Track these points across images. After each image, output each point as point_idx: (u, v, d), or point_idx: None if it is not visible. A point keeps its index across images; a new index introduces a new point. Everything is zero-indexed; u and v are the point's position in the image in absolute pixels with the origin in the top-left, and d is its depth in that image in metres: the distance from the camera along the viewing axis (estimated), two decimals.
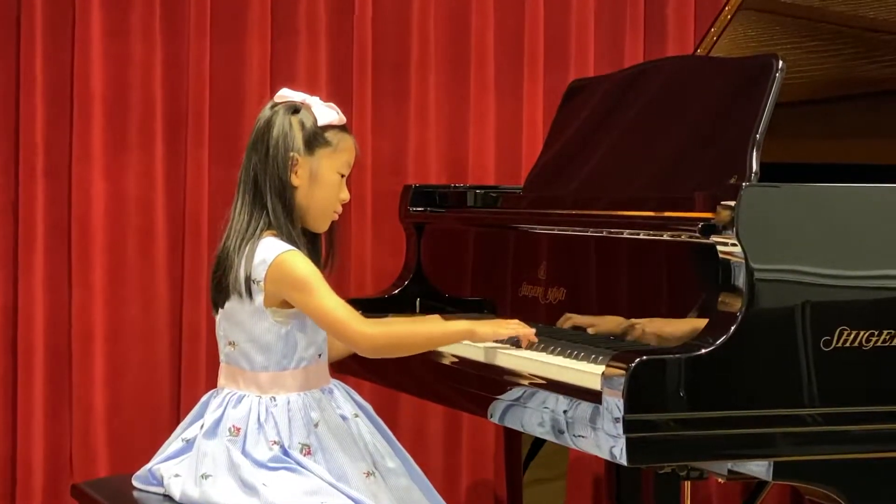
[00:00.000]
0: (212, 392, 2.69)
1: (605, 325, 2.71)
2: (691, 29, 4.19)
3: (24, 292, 3.71)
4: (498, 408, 2.61)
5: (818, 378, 2.37)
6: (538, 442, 3.45)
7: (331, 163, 2.65)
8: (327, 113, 2.65)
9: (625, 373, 2.25)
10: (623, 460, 2.26)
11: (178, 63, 3.81)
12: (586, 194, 3.00)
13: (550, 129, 3.43)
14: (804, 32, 3.26)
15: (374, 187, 3.93)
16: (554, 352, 2.67)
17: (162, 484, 2.65)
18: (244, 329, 2.61)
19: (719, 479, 2.68)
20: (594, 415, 2.31)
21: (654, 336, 2.58)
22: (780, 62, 2.63)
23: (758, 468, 2.39)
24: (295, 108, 2.65)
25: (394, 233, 3.71)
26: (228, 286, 2.59)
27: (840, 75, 3.29)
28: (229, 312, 2.62)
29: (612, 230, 2.73)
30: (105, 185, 3.76)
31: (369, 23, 3.92)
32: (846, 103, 3.31)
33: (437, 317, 2.90)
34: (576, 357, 2.60)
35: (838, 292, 2.40)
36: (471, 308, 3.22)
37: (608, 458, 2.30)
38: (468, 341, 2.74)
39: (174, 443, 2.69)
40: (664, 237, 2.58)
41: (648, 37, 4.20)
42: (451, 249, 3.37)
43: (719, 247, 2.40)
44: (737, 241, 2.36)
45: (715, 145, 2.72)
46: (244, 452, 2.56)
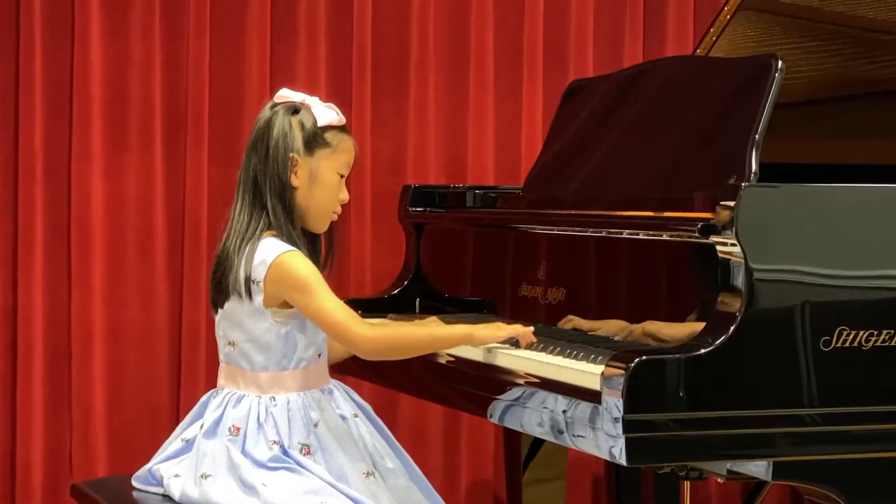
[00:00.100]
0: (211, 392, 2.69)
1: (605, 328, 2.71)
2: (691, 29, 4.19)
3: (23, 293, 3.71)
4: (497, 408, 2.61)
5: (818, 378, 2.37)
6: (538, 442, 3.45)
7: (330, 163, 2.65)
8: (327, 113, 2.65)
9: (624, 373, 2.25)
10: (622, 460, 2.26)
11: (177, 63, 3.81)
12: (586, 194, 3.00)
13: (550, 130, 3.43)
14: (804, 32, 3.26)
15: (374, 187, 3.92)
16: (553, 352, 2.67)
17: (161, 484, 2.64)
18: (244, 329, 2.61)
19: (719, 479, 2.68)
20: (593, 415, 2.31)
21: (654, 336, 2.58)
22: (780, 62, 2.63)
23: (757, 468, 2.39)
24: (295, 109, 2.64)
25: (393, 233, 3.71)
26: (228, 286, 2.59)
27: (839, 75, 3.29)
28: (229, 313, 2.62)
29: (611, 230, 2.73)
30: (104, 185, 3.75)
31: (369, 23, 3.92)
32: (845, 103, 3.31)
33: (437, 318, 2.90)
34: (575, 357, 2.60)
35: (838, 292, 2.40)
36: (470, 308, 3.22)
37: (607, 458, 2.30)
38: (467, 345, 2.75)
39: (174, 443, 2.68)
40: (664, 237, 2.58)
41: (648, 37, 4.20)
42: (451, 250, 3.37)
43: (719, 247, 2.40)
44: (736, 242, 2.36)
45: (714, 145, 2.71)
46: (244, 452, 2.56)
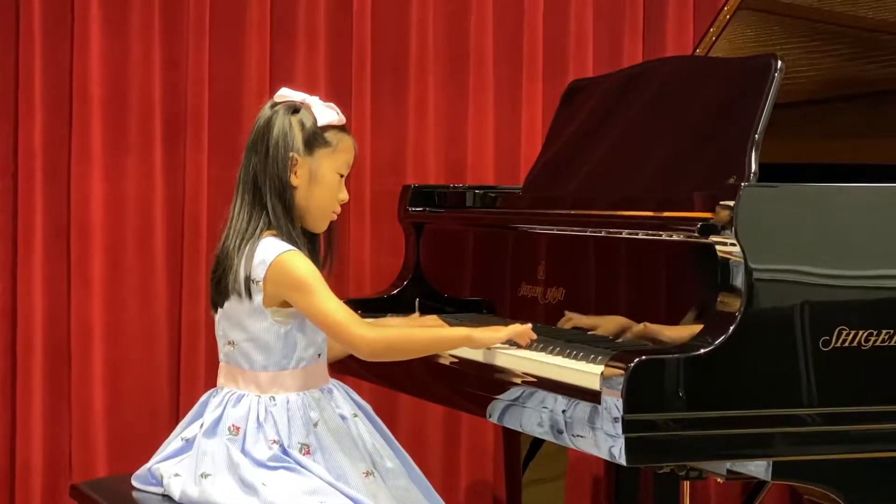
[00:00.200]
0: (211, 391, 2.69)
1: (605, 327, 2.71)
2: (690, 29, 4.19)
3: (23, 292, 3.71)
4: (497, 408, 2.61)
5: (817, 378, 2.37)
6: (537, 442, 3.44)
7: (330, 163, 2.65)
8: (327, 113, 2.65)
9: (624, 373, 2.25)
10: (622, 460, 2.26)
11: (177, 63, 3.80)
12: (585, 194, 3.00)
13: (549, 130, 3.43)
14: (803, 32, 3.26)
15: (373, 187, 3.92)
16: (553, 351, 2.67)
17: (161, 483, 2.64)
18: (244, 329, 2.61)
19: (718, 479, 2.68)
20: (593, 415, 2.31)
21: (653, 336, 2.58)
22: (779, 62, 2.63)
23: (757, 468, 2.39)
24: (295, 108, 2.64)
25: (393, 233, 3.71)
26: (228, 286, 2.59)
27: (839, 75, 3.29)
28: (229, 312, 2.62)
29: (611, 230, 2.73)
30: (104, 185, 3.75)
31: (368, 23, 3.91)
32: (845, 103, 3.31)
33: (436, 318, 2.90)
34: (574, 357, 2.60)
35: (837, 292, 2.40)
36: (470, 308, 3.22)
37: (607, 458, 2.30)
38: (467, 347, 2.75)
39: (173, 442, 2.68)
40: (663, 237, 2.58)
41: (647, 37, 4.19)
42: (450, 250, 3.37)
43: (718, 247, 2.40)
44: (736, 241, 2.36)
45: (714, 145, 2.71)
46: (244, 451, 2.56)
